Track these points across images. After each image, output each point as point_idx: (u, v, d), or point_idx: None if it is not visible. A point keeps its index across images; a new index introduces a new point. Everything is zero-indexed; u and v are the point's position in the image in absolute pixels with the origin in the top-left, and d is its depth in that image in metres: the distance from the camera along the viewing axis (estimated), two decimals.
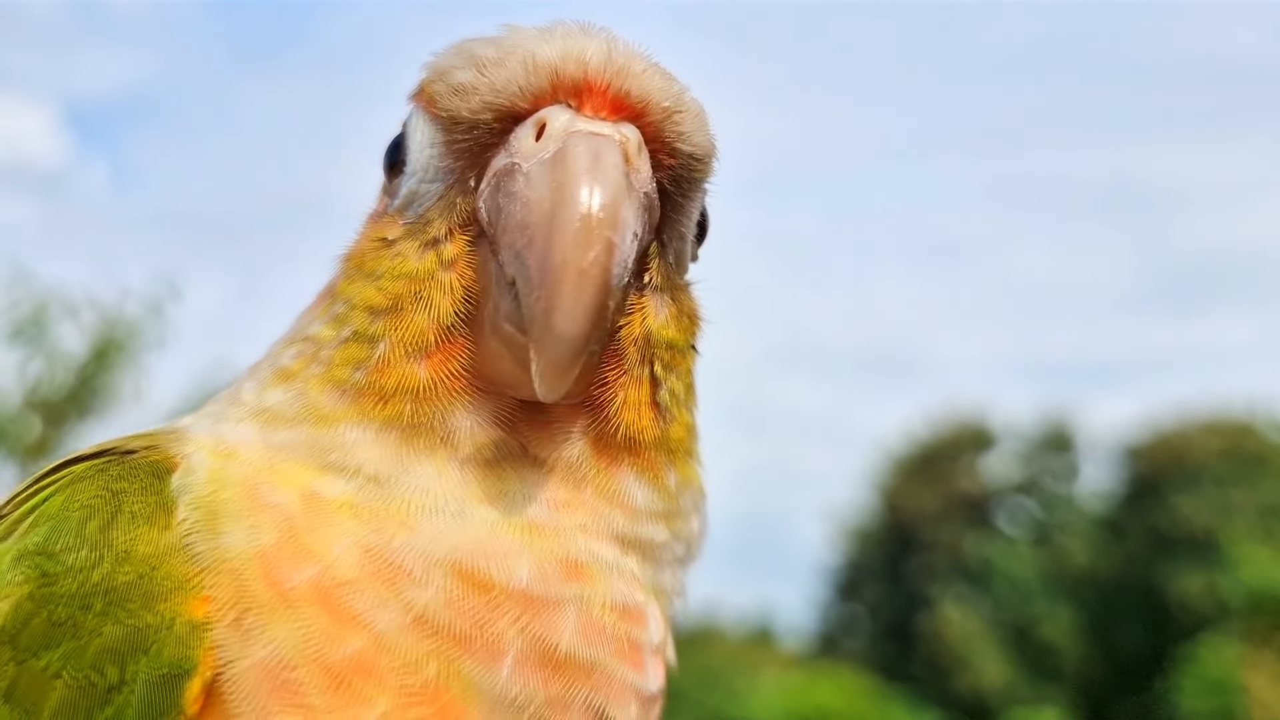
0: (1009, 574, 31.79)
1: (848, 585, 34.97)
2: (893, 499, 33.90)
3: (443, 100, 0.87)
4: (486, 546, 0.82)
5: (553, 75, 0.84)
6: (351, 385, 0.85)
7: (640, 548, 0.88)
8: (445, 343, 0.84)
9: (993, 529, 33.89)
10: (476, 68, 0.86)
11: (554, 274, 0.77)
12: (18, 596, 0.78)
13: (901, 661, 31.02)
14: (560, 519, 0.84)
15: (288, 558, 0.80)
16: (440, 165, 0.88)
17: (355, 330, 0.86)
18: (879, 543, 34.44)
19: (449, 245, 0.85)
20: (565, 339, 0.77)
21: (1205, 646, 25.54)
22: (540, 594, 0.81)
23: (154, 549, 0.79)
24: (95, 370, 7.77)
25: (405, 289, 0.85)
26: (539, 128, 0.83)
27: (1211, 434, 30.72)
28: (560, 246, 0.77)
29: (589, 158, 0.80)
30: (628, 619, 0.85)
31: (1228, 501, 29.62)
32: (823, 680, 24.45)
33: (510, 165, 0.83)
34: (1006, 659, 30.69)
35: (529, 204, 0.80)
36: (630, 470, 0.87)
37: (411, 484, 0.83)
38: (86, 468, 0.86)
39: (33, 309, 7.63)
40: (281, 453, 0.86)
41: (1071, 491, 34.39)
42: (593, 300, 0.77)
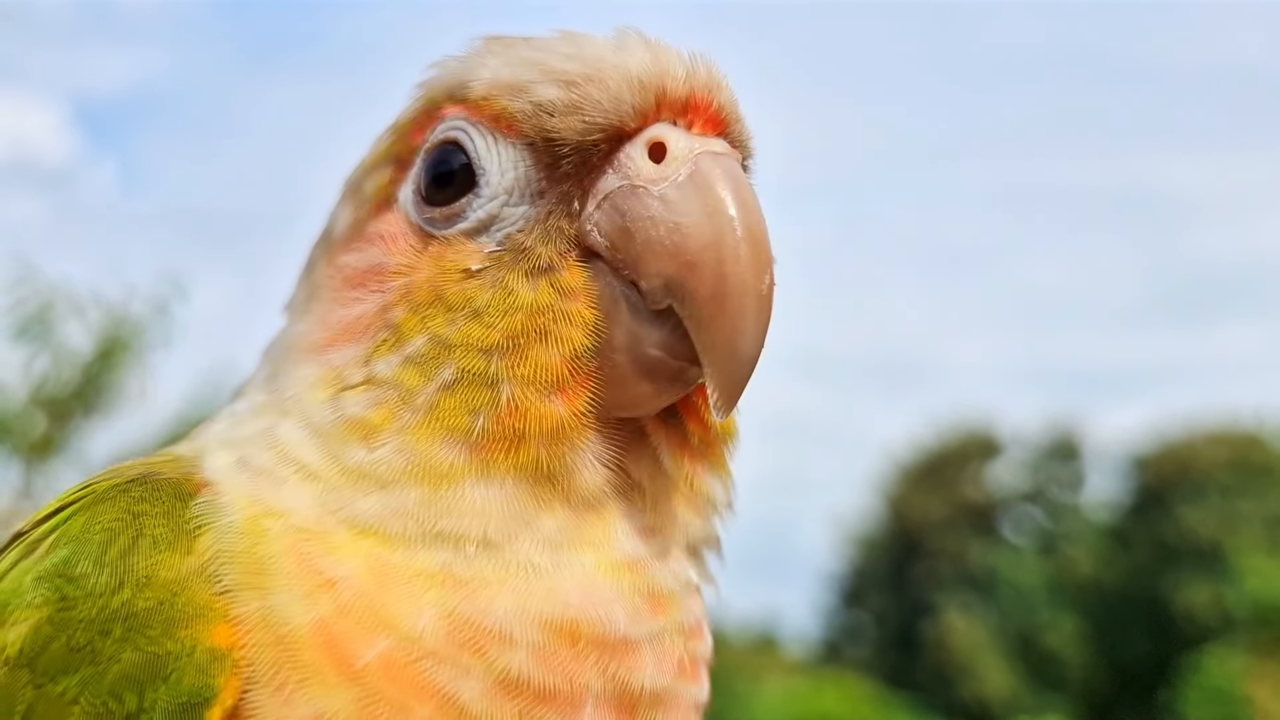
0: (1014, 583, 31.69)
1: (853, 592, 34.89)
2: (899, 506, 33.83)
3: (530, 120, 0.84)
4: (589, 596, 0.81)
5: (659, 93, 0.83)
6: (474, 433, 0.81)
7: (705, 547, 0.90)
8: (576, 375, 0.81)
9: (998, 537, 33.80)
10: (564, 84, 0.83)
11: (735, 300, 0.78)
12: (37, 619, 0.77)
13: (906, 669, 30.94)
14: (648, 546, 0.85)
15: (356, 632, 0.77)
16: (531, 188, 0.85)
17: (462, 371, 0.82)
18: (884, 550, 34.37)
19: (565, 273, 0.82)
20: (749, 361, 0.79)
21: (1210, 657, 25.43)
22: (632, 636, 0.82)
23: (175, 575, 0.78)
24: (101, 368, 7.78)
25: (523, 324, 0.81)
26: (651, 147, 0.82)
27: (1218, 445, 30.61)
28: (736, 273, 0.78)
29: (730, 180, 0.81)
30: (693, 637, 0.86)
31: (1234, 512, 29.50)
32: (827, 687, 24.40)
33: (629, 187, 0.82)
34: (1011, 668, 30.59)
35: (681, 228, 0.79)
36: (708, 467, 0.89)
37: (531, 541, 0.81)
38: (109, 488, 0.84)
39: (38, 306, 7.63)
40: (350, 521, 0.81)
41: (1078, 501, 34.29)
42: (768, 321, 0.80)
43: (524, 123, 0.84)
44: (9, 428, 7.48)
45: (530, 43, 0.86)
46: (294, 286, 0.98)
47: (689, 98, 0.83)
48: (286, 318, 0.98)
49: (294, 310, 0.96)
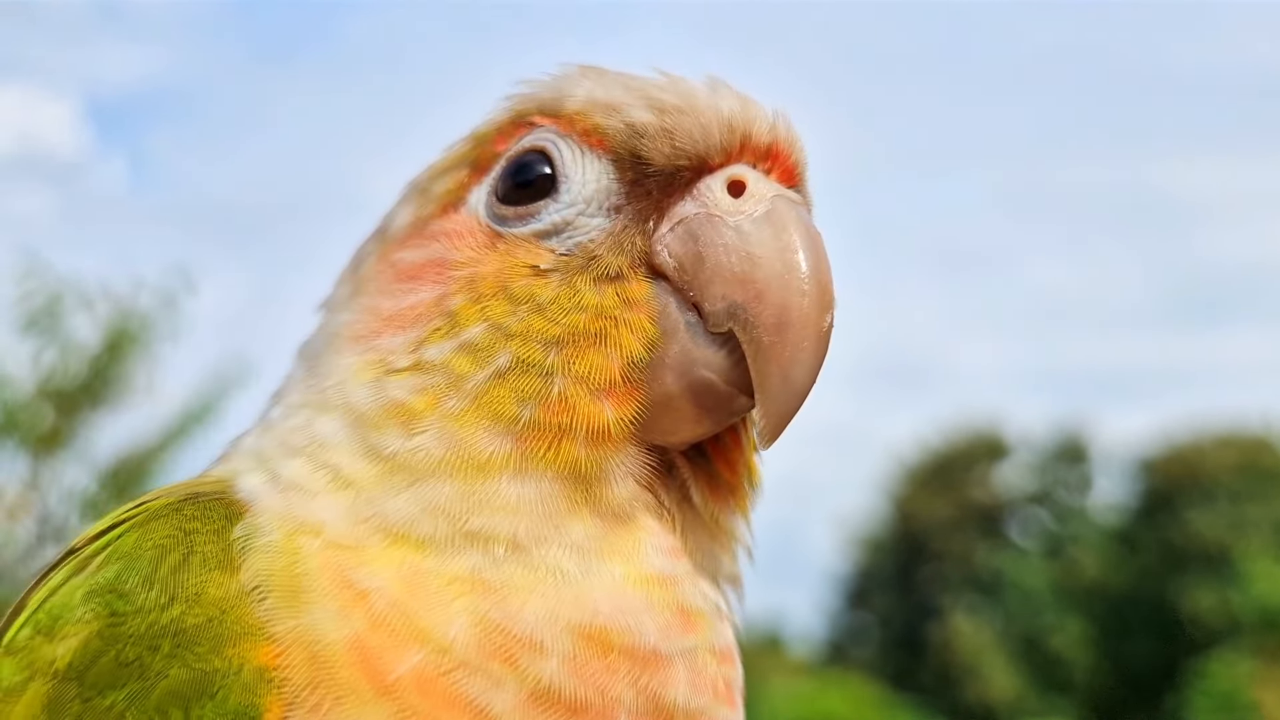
0: (1021, 585, 31.65)
1: (858, 594, 34.87)
2: (905, 508, 33.80)
3: (621, 138, 0.88)
4: (618, 605, 0.82)
5: (745, 136, 0.87)
6: (521, 422, 0.83)
7: (731, 583, 0.92)
8: (627, 382, 0.83)
9: (1005, 540, 33.77)
10: (658, 111, 0.87)
11: (797, 334, 0.81)
12: (86, 634, 0.78)
13: (911, 671, 30.92)
14: (677, 566, 0.86)
15: (389, 645, 0.77)
16: (609, 202, 0.88)
17: (517, 360, 0.84)
18: (890, 551, 34.34)
19: (632, 284, 0.86)
20: (801, 393, 0.82)
21: (1217, 662, 25.39)
22: (663, 650, 0.82)
23: (225, 593, 0.78)
24: (108, 361, 7.78)
25: (586, 323, 0.84)
26: (730, 183, 0.86)
27: (1226, 449, 30.55)
28: (801, 306, 0.82)
29: (802, 224, 0.85)
30: (725, 662, 0.87)
31: (1242, 517, 29.44)
32: (831, 688, 24.39)
33: (707, 215, 0.85)
34: (1017, 671, 30.55)
35: (752, 258, 0.83)
36: (734, 508, 0.91)
37: (559, 546, 0.82)
38: (162, 505, 0.84)
39: (47, 299, 7.63)
40: (382, 528, 0.82)
41: (1085, 504, 34.25)
42: (823, 359, 0.83)
43: (615, 140, 0.88)
44: (16, 420, 7.48)
45: (624, 73, 0.91)
46: (334, 284, 0.99)
47: (772, 146, 0.88)
48: (324, 315, 0.98)
49: (334, 307, 0.97)
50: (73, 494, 7.86)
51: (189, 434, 8.19)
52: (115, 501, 7.89)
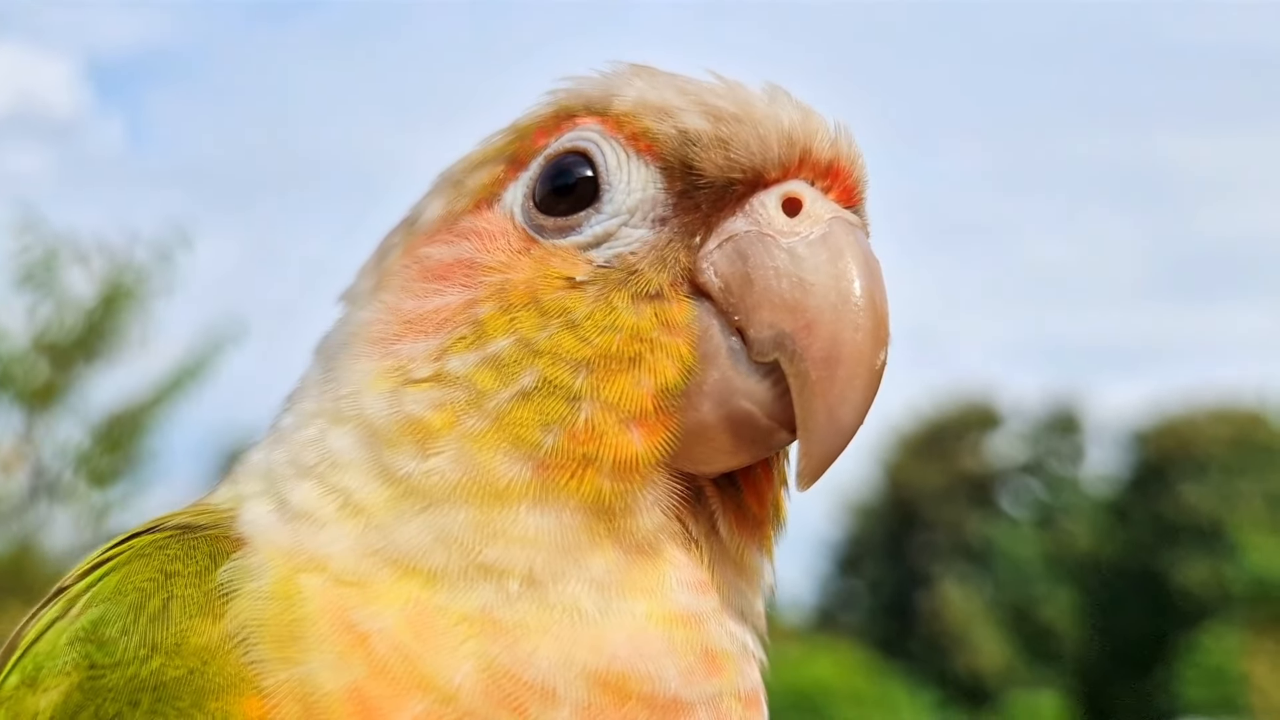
0: (1011, 555, 31.84)
1: (848, 560, 35.06)
2: (897, 476, 33.92)
3: (673, 145, 0.82)
4: (638, 648, 0.77)
5: (804, 151, 0.82)
6: (543, 450, 0.77)
7: (754, 621, 0.86)
8: (660, 412, 0.78)
9: (996, 509, 33.95)
10: (713, 118, 0.81)
11: (848, 370, 0.76)
12: (67, 686, 0.75)
13: (900, 639, 31.12)
14: (701, 603, 0.81)
15: (389, 694, 0.73)
16: (655, 213, 0.82)
17: (546, 380, 0.78)
18: (881, 519, 34.51)
19: (673, 305, 0.80)
20: (847, 433, 0.77)
21: (1207, 635, 25.58)
22: (685, 697, 0.77)
23: (206, 641, 0.75)
24: (103, 316, 7.75)
25: (619, 345, 0.78)
26: (785, 200, 0.80)
27: (1220, 422, 30.69)
28: (854, 341, 0.77)
29: (860, 251, 0.80)
30: (751, 706, 0.82)
31: (1234, 490, 29.62)
32: (820, 654, 24.51)
33: (758, 234, 0.80)
34: (1006, 640, 30.79)
35: (804, 284, 0.78)
36: (758, 546, 0.86)
37: (577, 582, 0.77)
38: (147, 544, 0.81)
39: (43, 254, 7.57)
40: (392, 560, 0.77)
41: (1077, 474, 34.43)
42: (873, 399, 0.78)
43: (665, 146, 0.82)
44: (11, 374, 7.43)
45: (677, 75, 0.86)
46: (357, 275, 0.93)
47: (832, 162, 0.83)
48: (344, 309, 0.92)
49: (355, 301, 0.90)
50: (67, 448, 7.83)
51: (183, 389, 8.16)
52: (108, 456, 7.85)
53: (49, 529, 7.89)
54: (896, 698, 26.11)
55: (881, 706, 25.25)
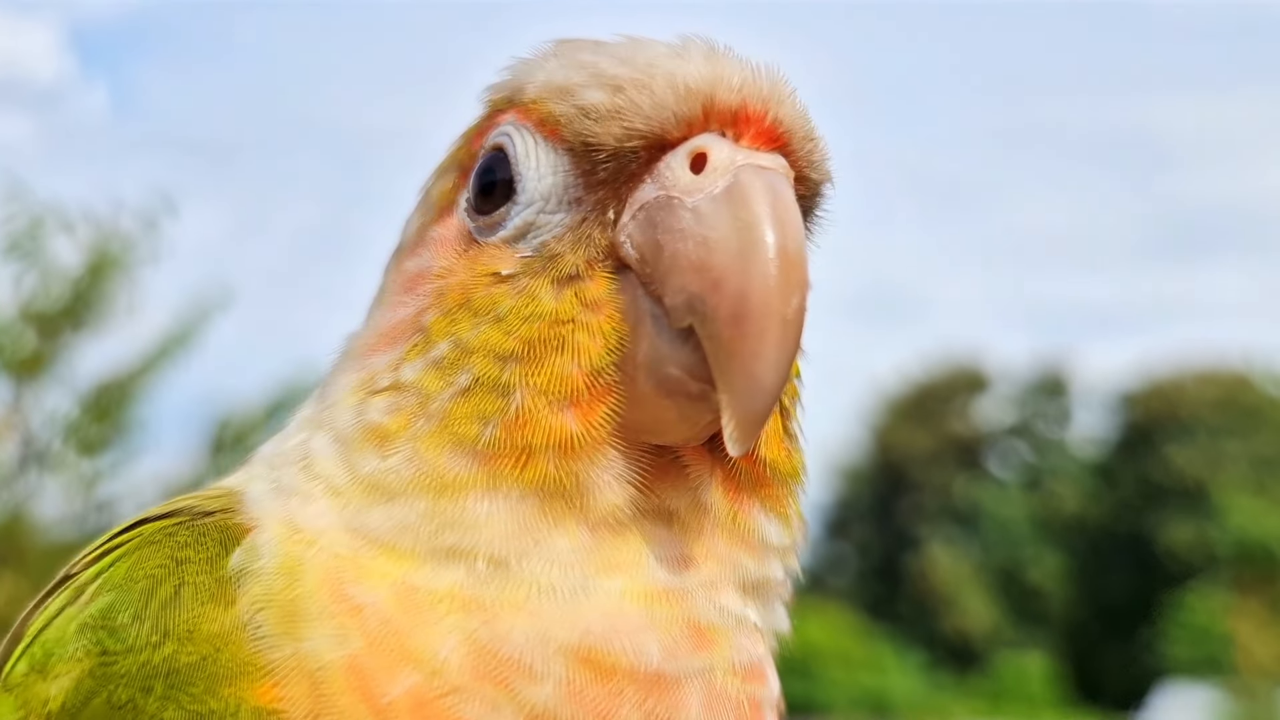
0: (998, 517, 32.06)
1: (837, 524, 35.27)
2: (885, 439, 34.09)
3: (572, 123, 0.80)
4: (614, 624, 0.76)
5: (706, 101, 0.78)
6: (482, 443, 0.77)
7: (761, 591, 0.83)
8: (593, 389, 0.77)
9: (984, 472, 34.16)
10: (611, 89, 0.79)
11: (756, 323, 0.73)
12: (79, 673, 0.76)
13: (888, 601, 31.37)
14: (687, 578, 0.79)
15: (383, 666, 0.74)
16: (569, 195, 0.81)
17: (478, 378, 0.78)
18: (869, 482, 34.71)
19: (590, 283, 0.78)
20: (769, 391, 0.74)
21: (1192, 595, 25.82)
22: (669, 672, 0.76)
23: (219, 628, 0.75)
24: (90, 284, 7.68)
25: (542, 332, 0.78)
26: (693, 158, 0.77)
27: (1207, 384, 30.86)
28: (761, 293, 0.74)
29: (768, 194, 0.76)
30: (751, 679, 0.80)
31: (1220, 452, 29.83)
32: (809, 617, 24.70)
33: (665, 198, 0.77)
34: (993, 602, 31.04)
35: (708, 243, 0.75)
36: (761, 507, 0.82)
37: (542, 561, 0.77)
38: (156, 530, 0.82)
39: (28, 222, 7.50)
40: (372, 539, 0.79)
41: (1064, 437, 34.63)
42: (794, 350, 0.75)
43: (566, 127, 0.81)
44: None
45: (593, 46, 0.83)
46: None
47: (740, 108, 0.79)
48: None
49: (366, 314, 0.94)
50: (55, 418, 7.79)
51: (171, 357, 8.11)
52: (97, 425, 7.83)
53: (39, 498, 7.87)
54: (884, 659, 26.36)
55: (870, 668, 25.48)
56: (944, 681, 27.48)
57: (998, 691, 26.89)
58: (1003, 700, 26.16)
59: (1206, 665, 20.55)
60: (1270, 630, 18.28)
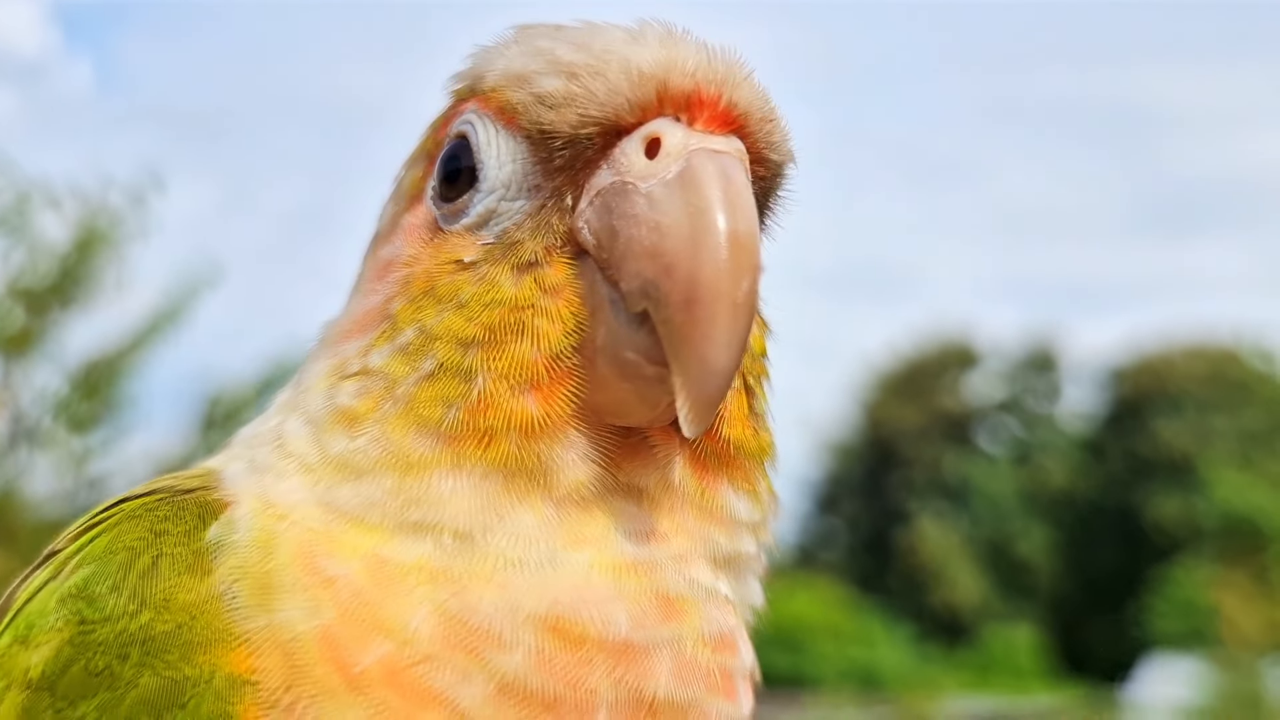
0: (987, 492, 32.16)
1: (827, 499, 35.36)
2: (875, 414, 34.13)
3: (529, 111, 0.81)
4: (581, 595, 0.77)
5: (660, 86, 0.79)
6: (445, 426, 0.79)
7: (733, 565, 0.85)
8: (553, 373, 0.78)
9: (973, 447, 34.23)
10: (567, 75, 0.80)
11: (706, 306, 0.74)
12: (58, 642, 0.77)
13: (877, 575, 31.50)
14: (656, 551, 0.80)
15: (355, 636, 0.75)
16: (528, 182, 0.83)
17: (441, 363, 0.80)
18: (859, 458, 34.78)
19: (549, 269, 0.80)
20: (720, 374, 0.75)
21: (1179, 568, 25.95)
22: (638, 640, 0.77)
23: (195, 597, 0.76)
24: (78, 260, 7.65)
25: (503, 318, 0.79)
26: (648, 143, 0.78)
27: (1195, 359, 30.94)
28: (711, 277, 0.75)
29: (720, 178, 0.77)
30: (721, 649, 0.81)
31: (1208, 427, 29.92)
32: (800, 591, 24.80)
33: (620, 184, 0.78)
34: (982, 575, 31.17)
35: (660, 228, 0.76)
36: (729, 484, 0.84)
37: (507, 535, 0.78)
38: (137, 506, 0.83)
39: (15, 198, 7.47)
40: (343, 514, 0.81)
41: (1053, 412, 34.71)
42: (745, 332, 0.76)
43: (523, 115, 0.82)
44: None
45: (551, 32, 0.84)
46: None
47: (694, 91, 0.79)
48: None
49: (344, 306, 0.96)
50: (45, 395, 7.78)
51: (160, 333, 8.10)
52: (86, 401, 7.83)
53: (29, 476, 7.88)
54: (874, 633, 26.48)
55: (859, 641, 25.60)
56: (933, 654, 27.63)
57: (986, 664, 27.07)
58: (991, 672, 26.33)
59: (1192, 637, 20.65)
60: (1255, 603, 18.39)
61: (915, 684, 21.77)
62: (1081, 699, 23.46)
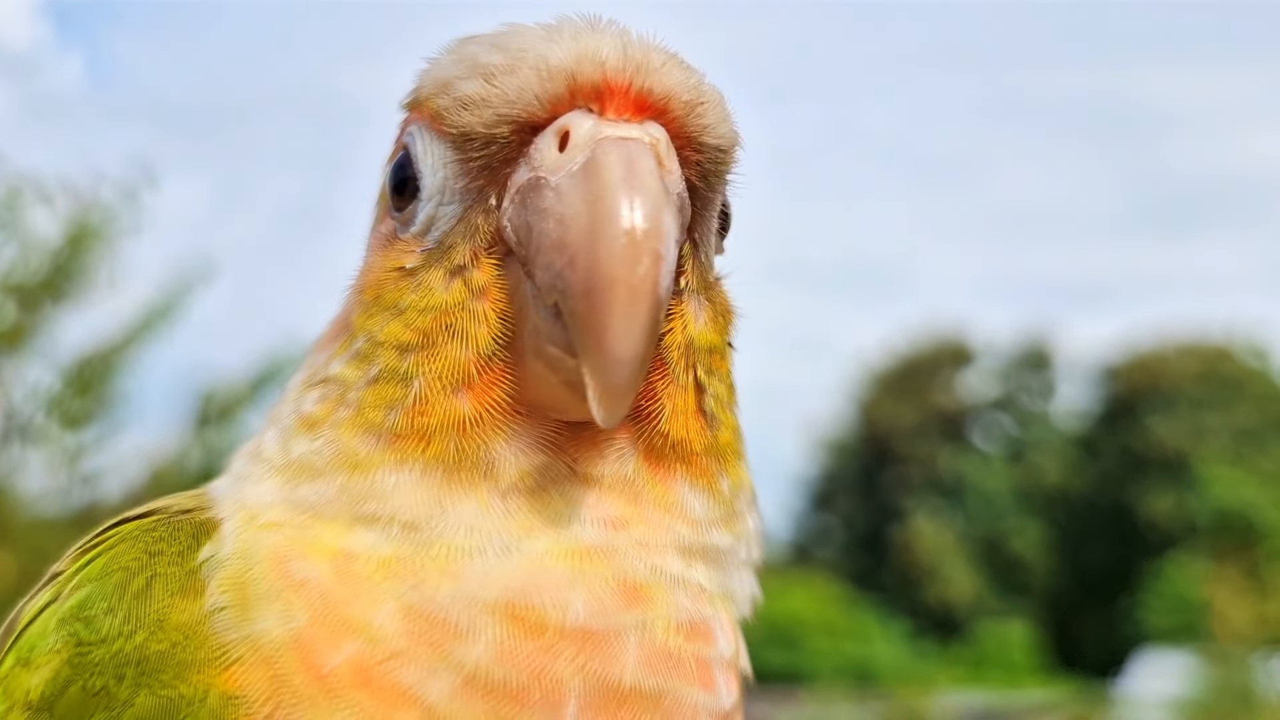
0: (982, 489, 32.20)
1: (822, 496, 35.39)
2: (870, 412, 34.16)
3: (451, 115, 0.82)
4: (537, 581, 0.77)
5: (569, 79, 0.79)
6: (387, 428, 0.81)
7: (707, 556, 0.84)
8: (485, 372, 0.79)
9: (968, 444, 34.26)
10: (484, 77, 0.81)
11: (603, 294, 0.74)
12: (56, 663, 0.78)
13: (872, 572, 31.52)
14: (615, 538, 0.80)
15: (325, 638, 0.76)
16: (456, 186, 0.83)
17: (384, 369, 0.82)
18: (855, 455, 34.80)
19: (476, 271, 0.81)
20: (623, 361, 0.74)
21: (1171, 564, 26.01)
22: (599, 627, 0.77)
23: (187, 618, 0.77)
24: (70, 256, 7.63)
25: (435, 322, 0.80)
26: (561, 137, 0.78)
27: (1188, 357, 30.99)
28: (607, 264, 0.74)
29: (622, 165, 0.76)
30: (694, 637, 0.80)
31: (1201, 424, 29.98)
32: (795, 588, 24.84)
33: (535, 179, 0.79)
34: (976, 572, 31.21)
35: (564, 220, 0.76)
36: (684, 480, 0.83)
37: (452, 525, 0.79)
38: (134, 527, 0.85)
39: (6, 193, 7.44)
40: (308, 511, 0.82)
41: (1047, 409, 34.74)
42: (647, 318, 0.74)
43: (446, 119, 0.83)
44: None
45: (481, 38, 0.84)
46: None
47: (602, 81, 0.79)
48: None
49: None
50: (37, 391, 7.76)
51: (153, 330, 8.08)
52: (79, 398, 7.81)
53: (22, 472, 7.86)
54: (869, 629, 26.52)
55: (854, 637, 25.64)
56: (927, 650, 27.67)
57: (980, 659, 27.11)
58: (985, 668, 26.37)
59: (1184, 632, 20.70)
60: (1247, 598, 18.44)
61: (910, 680, 21.79)
62: (1074, 694, 23.50)
